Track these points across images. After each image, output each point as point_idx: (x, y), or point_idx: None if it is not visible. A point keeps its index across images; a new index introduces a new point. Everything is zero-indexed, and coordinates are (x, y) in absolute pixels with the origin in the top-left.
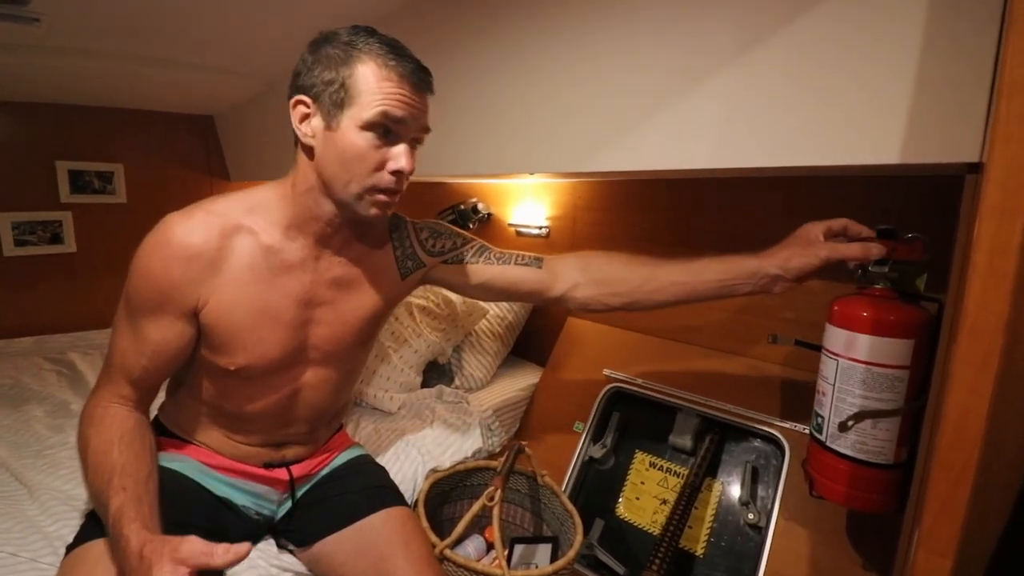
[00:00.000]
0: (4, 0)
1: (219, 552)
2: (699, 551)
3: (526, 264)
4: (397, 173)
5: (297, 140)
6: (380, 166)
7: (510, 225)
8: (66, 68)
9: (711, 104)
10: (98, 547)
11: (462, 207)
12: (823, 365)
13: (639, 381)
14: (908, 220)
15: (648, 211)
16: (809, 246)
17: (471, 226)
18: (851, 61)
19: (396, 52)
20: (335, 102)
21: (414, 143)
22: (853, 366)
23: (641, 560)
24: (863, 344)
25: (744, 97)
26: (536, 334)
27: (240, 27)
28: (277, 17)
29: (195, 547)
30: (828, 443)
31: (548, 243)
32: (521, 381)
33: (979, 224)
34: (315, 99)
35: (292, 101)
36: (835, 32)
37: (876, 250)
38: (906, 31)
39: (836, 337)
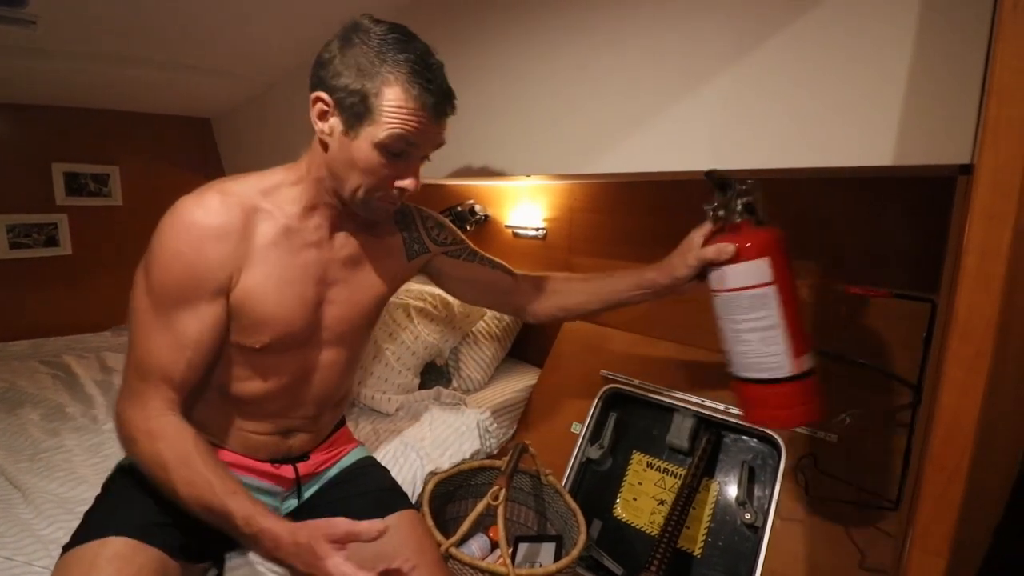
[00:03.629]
0: (1, 3)
1: (364, 527)
2: (697, 551)
3: (504, 271)
4: (401, 191)
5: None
6: (388, 181)
7: (507, 227)
8: (62, 70)
9: (708, 107)
10: (94, 548)
11: (459, 209)
12: (713, 306)
13: (636, 382)
14: (902, 220)
15: (644, 213)
16: (686, 254)
17: (468, 228)
18: (845, 65)
19: (424, 77)
20: (355, 113)
21: (423, 159)
22: (728, 297)
23: (639, 560)
24: (729, 274)
25: (740, 100)
26: (533, 336)
27: (237, 29)
28: (274, 19)
29: (341, 526)
30: (737, 373)
31: (545, 244)
32: (519, 383)
33: (969, 227)
34: (336, 103)
35: (312, 96)
36: (830, 37)
37: (728, 249)
38: (898, 36)
39: (713, 277)
